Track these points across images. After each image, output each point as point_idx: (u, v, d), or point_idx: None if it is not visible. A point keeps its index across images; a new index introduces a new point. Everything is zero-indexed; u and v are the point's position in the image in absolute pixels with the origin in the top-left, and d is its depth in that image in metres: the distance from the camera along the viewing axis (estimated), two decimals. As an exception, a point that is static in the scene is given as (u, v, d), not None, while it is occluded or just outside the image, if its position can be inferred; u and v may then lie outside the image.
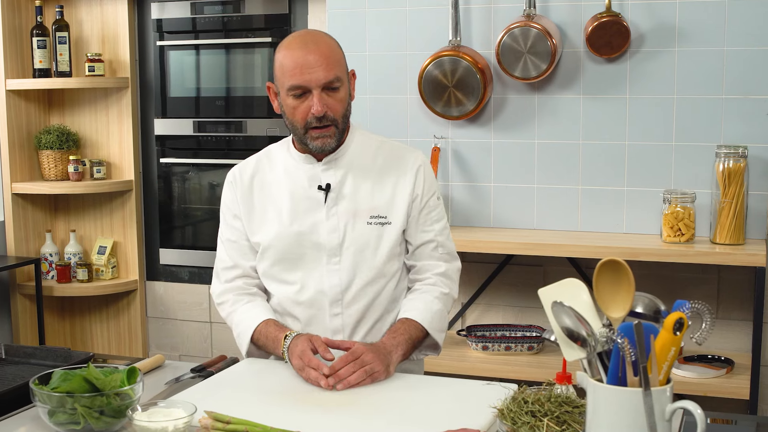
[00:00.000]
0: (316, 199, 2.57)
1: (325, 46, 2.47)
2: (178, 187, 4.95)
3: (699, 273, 3.82)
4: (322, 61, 2.43)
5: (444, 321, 2.63)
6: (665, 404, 1.60)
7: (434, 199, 2.64)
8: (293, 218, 2.57)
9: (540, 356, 3.85)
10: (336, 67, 2.45)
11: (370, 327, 2.60)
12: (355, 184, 2.58)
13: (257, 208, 2.62)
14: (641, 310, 1.71)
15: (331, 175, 2.57)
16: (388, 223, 2.57)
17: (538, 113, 3.94)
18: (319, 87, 2.43)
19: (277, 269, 2.61)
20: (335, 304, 2.56)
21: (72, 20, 4.87)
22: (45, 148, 4.84)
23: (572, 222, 3.95)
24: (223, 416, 1.98)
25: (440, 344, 2.64)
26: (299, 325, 2.60)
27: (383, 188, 2.58)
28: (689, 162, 3.76)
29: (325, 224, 2.55)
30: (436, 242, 2.62)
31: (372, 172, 2.60)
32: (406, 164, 2.61)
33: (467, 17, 3.97)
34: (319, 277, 2.57)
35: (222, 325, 4.87)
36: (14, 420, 2.14)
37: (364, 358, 2.31)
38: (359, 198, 2.57)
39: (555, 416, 1.82)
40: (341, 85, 2.47)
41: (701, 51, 3.71)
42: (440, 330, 2.61)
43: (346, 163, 2.59)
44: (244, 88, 4.74)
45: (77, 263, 4.92)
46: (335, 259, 2.55)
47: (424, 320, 2.55)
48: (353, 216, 2.56)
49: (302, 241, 2.56)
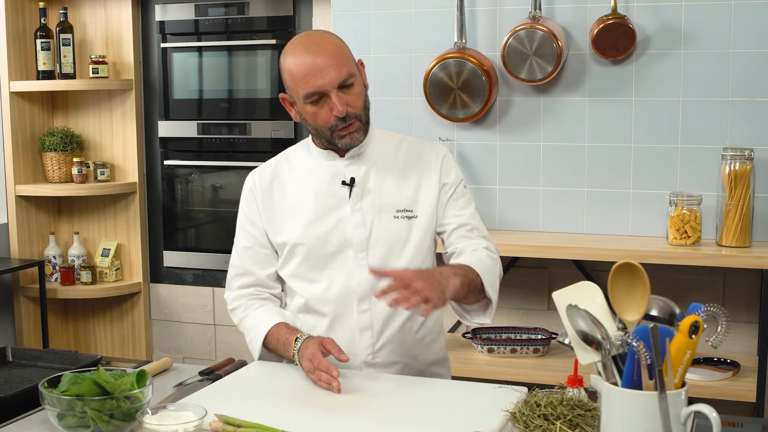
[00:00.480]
0: (340, 195, 2.54)
1: (330, 45, 2.44)
2: (182, 189, 4.94)
3: (705, 275, 3.82)
4: (332, 61, 2.40)
5: (496, 280, 2.51)
6: (680, 408, 1.59)
7: (461, 187, 2.62)
8: (318, 216, 2.54)
9: (546, 359, 3.84)
10: (346, 63, 2.43)
11: (400, 325, 2.55)
12: (379, 178, 2.55)
13: (279, 211, 2.60)
14: (656, 313, 1.71)
15: (355, 170, 2.55)
16: (414, 217, 2.54)
17: (544, 115, 3.93)
18: (334, 88, 2.40)
19: (304, 268, 2.57)
20: (363, 300, 2.52)
21: (76, 22, 4.87)
22: (49, 150, 4.83)
23: (578, 224, 3.95)
24: (234, 419, 1.97)
25: (493, 304, 2.50)
26: (326, 323, 2.55)
27: (407, 182, 2.56)
28: (695, 164, 3.76)
29: (351, 219, 2.52)
30: (470, 225, 2.59)
31: (395, 167, 2.58)
32: (429, 158, 2.60)
33: (472, 19, 3.97)
34: (347, 274, 2.53)
35: (226, 328, 4.86)
36: (23, 423, 2.14)
37: (414, 285, 2.20)
38: (384, 192, 2.54)
39: (568, 419, 1.81)
40: (355, 79, 2.44)
41: (707, 53, 3.70)
42: (493, 287, 2.48)
43: (369, 158, 2.57)
44: (248, 90, 4.73)
45: (81, 265, 4.92)
46: (362, 254, 2.52)
47: (479, 269, 2.44)
48: (379, 210, 2.53)
49: (329, 238, 2.53)
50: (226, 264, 4.68)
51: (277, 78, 4.63)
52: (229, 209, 4.89)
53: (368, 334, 2.54)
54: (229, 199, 4.90)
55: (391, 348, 2.55)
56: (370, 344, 2.54)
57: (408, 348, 2.57)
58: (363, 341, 2.54)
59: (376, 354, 2.54)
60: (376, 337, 2.54)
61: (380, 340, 2.54)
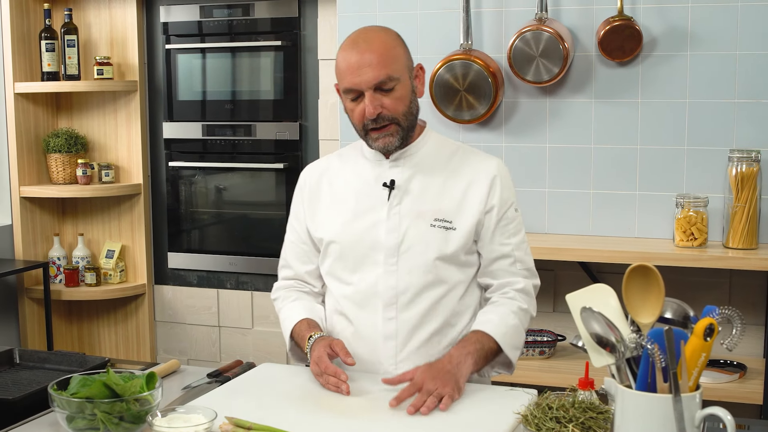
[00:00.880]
0: (379, 197, 2.50)
1: (377, 44, 2.38)
2: (187, 190, 4.94)
3: (711, 277, 3.81)
4: (373, 60, 2.35)
5: (520, 338, 2.49)
6: (695, 410, 1.59)
7: (512, 210, 2.52)
8: (356, 215, 2.51)
9: (552, 361, 3.84)
10: (389, 65, 2.36)
11: (426, 338, 2.48)
12: (423, 183, 2.49)
13: (323, 205, 2.58)
14: (670, 316, 1.70)
15: (398, 173, 2.50)
16: (452, 229, 2.46)
17: (550, 117, 3.93)
18: (370, 88, 2.36)
19: (337, 267, 2.54)
20: (389, 307, 2.47)
21: (81, 23, 4.86)
22: (53, 152, 4.82)
23: (584, 226, 3.94)
24: (245, 422, 1.97)
25: (514, 362, 2.50)
26: (352, 327, 2.52)
27: (452, 192, 2.48)
28: (702, 166, 3.75)
29: (386, 223, 2.48)
30: (513, 257, 2.50)
31: (443, 174, 2.51)
32: (480, 171, 2.50)
33: (478, 21, 3.96)
34: (375, 278, 2.48)
35: (231, 329, 4.86)
36: (32, 426, 2.14)
37: (427, 387, 2.21)
38: (426, 198, 2.48)
39: (580, 422, 1.81)
40: (397, 83, 2.38)
41: (713, 55, 3.70)
42: (514, 347, 2.47)
43: (416, 162, 2.51)
44: (253, 92, 4.73)
45: (85, 267, 4.91)
46: (393, 259, 2.46)
47: (497, 333, 2.42)
48: (416, 216, 2.47)
49: (362, 239, 2.49)
50: (230, 265, 4.76)
51: (281, 79, 4.63)
52: (234, 211, 4.88)
53: (392, 343, 2.48)
54: (233, 201, 4.89)
55: (415, 360, 2.46)
56: (393, 354, 2.48)
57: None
58: (387, 350, 2.49)
59: (399, 364, 2.48)
60: (400, 347, 2.48)
61: (404, 350, 2.48)
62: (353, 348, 2.48)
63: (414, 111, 2.46)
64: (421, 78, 2.49)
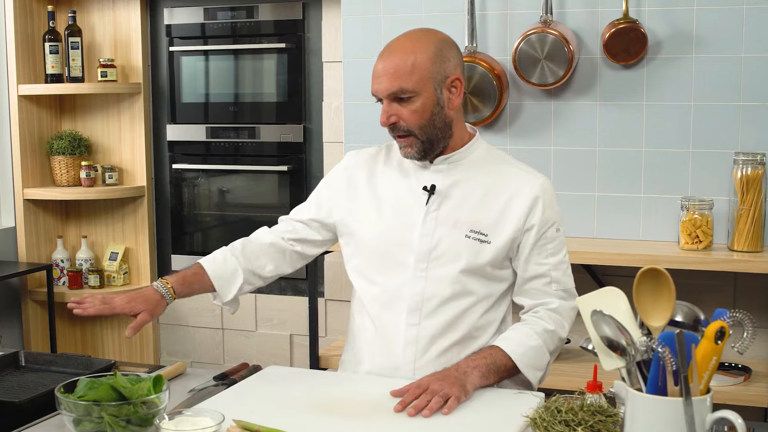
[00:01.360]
0: (418, 200, 2.47)
1: (398, 54, 2.36)
2: (190, 193, 4.94)
3: (716, 280, 3.80)
4: (389, 71, 2.35)
5: (541, 359, 2.43)
6: (705, 414, 1.58)
7: (553, 230, 2.47)
8: (393, 215, 2.49)
9: (558, 363, 3.83)
10: (403, 78, 2.34)
11: (446, 347, 2.46)
12: (463, 192, 2.46)
13: (361, 198, 2.56)
14: (680, 319, 1.70)
15: (440, 179, 2.47)
16: (487, 242, 2.43)
17: (555, 120, 3.93)
18: (386, 97, 2.37)
19: (366, 265, 2.53)
20: (413, 313, 2.45)
21: (84, 26, 4.86)
22: (57, 154, 4.82)
23: (588, 229, 3.94)
24: (252, 425, 1.96)
25: (534, 383, 2.44)
26: (374, 328, 2.50)
27: (492, 205, 2.45)
28: (707, 169, 3.75)
29: (420, 227, 2.46)
30: (549, 278, 2.46)
31: (485, 185, 2.47)
32: (523, 187, 2.46)
33: (483, 23, 3.96)
34: (402, 282, 2.46)
35: (234, 332, 4.85)
36: (38, 428, 2.13)
37: (432, 387, 2.20)
38: (464, 208, 2.45)
39: (589, 425, 1.81)
40: (415, 96, 2.35)
41: (719, 58, 3.70)
42: (534, 367, 2.41)
43: (461, 170, 2.48)
44: (256, 94, 4.72)
45: (89, 269, 4.91)
46: (422, 265, 2.44)
47: (513, 352, 2.38)
48: (453, 225, 2.44)
49: (394, 240, 2.47)
50: (234, 268, 4.73)
51: (285, 82, 4.63)
52: (238, 213, 4.88)
53: (412, 349, 2.46)
54: (237, 203, 4.89)
55: (433, 368, 2.43)
56: (412, 360, 2.46)
57: None
58: (406, 355, 2.47)
59: (417, 371, 2.45)
60: (420, 354, 2.46)
61: (423, 357, 2.46)
62: (372, 349, 2.51)
63: (437, 124, 2.40)
64: (458, 90, 2.42)
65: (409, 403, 2.18)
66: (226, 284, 2.61)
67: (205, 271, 2.60)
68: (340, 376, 2.51)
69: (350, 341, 2.65)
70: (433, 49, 2.38)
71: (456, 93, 2.42)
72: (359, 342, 2.57)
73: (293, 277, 4.13)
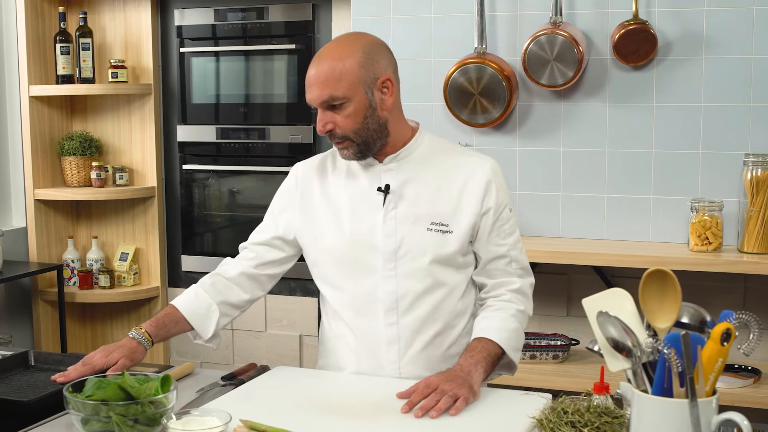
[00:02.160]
0: (374, 202, 2.49)
1: (326, 62, 2.37)
2: (200, 193, 4.95)
3: (726, 282, 3.80)
4: (319, 79, 2.36)
5: (520, 340, 2.51)
6: (711, 415, 1.58)
7: (506, 211, 2.53)
8: (351, 221, 2.50)
9: (565, 365, 3.83)
10: (331, 86, 2.35)
11: (428, 340, 2.49)
12: (417, 187, 2.49)
13: (317, 209, 2.57)
14: (687, 321, 1.70)
15: (393, 177, 2.50)
16: (449, 232, 2.46)
17: (564, 121, 3.92)
18: (318, 105, 2.39)
19: (332, 273, 2.54)
20: (390, 312, 2.47)
21: (95, 27, 4.88)
22: (68, 155, 4.84)
23: (598, 230, 3.93)
24: (259, 425, 1.97)
25: (516, 364, 2.52)
26: (353, 333, 2.53)
27: (448, 195, 2.48)
28: (716, 170, 3.74)
29: (382, 228, 2.47)
30: (509, 257, 2.52)
31: (437, 177, 2.50)
32: (474, 172, 2.50)
33: (493, 24, 3.96)
34: (374, 284, 2.48)
35: (244, 333, 4.86)
36: (46, 428, 2.14)
37: (442, 387, 2.21)
38: (421, 202, 2.48)
39: (595, 427, 1.81)
40: (346, 102, 2.36)
41: (729, 59, 3.69)
42: (516, 349, 2.49)
43: (410, 166, 2.51)
44: (266, 95, 4.73)
45: (99, 269, 4.92)
46: (391, 264, 2.46)
47: (500, 339, 2.43)
48: (413, 221, 2.47)
49: (358, 245, 2.49)
50: (244, 268, 4.74)
51: (295, 83, 4.63)
52: (247, 214, 4.89)
53: (394, 348, 2.49)
54: (246, 204, 4.90)
55: (419, 363, 2.49)
56: (396, 358, 2.49)
57: (437, 364, 2.51)
58: (389, 354, 2.49)
59: (402, 368, 2.49)
60: (402, 351, 2.49)
61: (407, 354, 2.49)
62: (354, 353, 2.52)
63: (371, 126, 2.41)
64: (389, 90, 2.43)
65: (416, 403, 2.18)
66: (202, 321, 2.59)
67: (179, 310, 2.58)
68: (347, 377, 2.51)
69: (326, 348, 2.65)
70: (361, 53, 2.38)
71: (388, 93, 2.44)
72: (339, 348, 2.58)
73: (303, 278, 4.14)
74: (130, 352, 2.41)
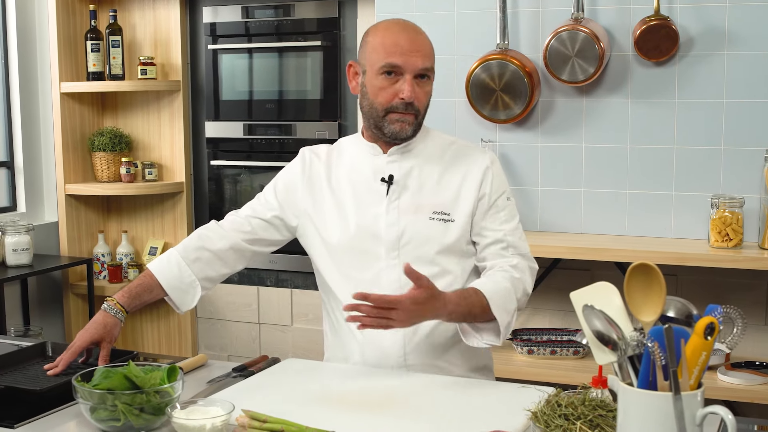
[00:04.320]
0: (378, 192, 2.54)
1: (423, 36, 2.50)
2: (229, 189, 5.00)
3: (747, 278, 3.77)
4: (424, 48, 2.46)
5: (509, 302, 2.42)
6: (696, 409, 1.59)
7: (503, 199, 2.57)
8: (355, 211, 2.54)
9: (586, 360, 3.83)
10: (431, 58, 2.49)
11: (431, 329, 2.50)
12: (420, 178, 2.54)
13: (322, 197, 2.60)
14: (673, 314, 1.71)
15: (397, 168, 2.55)
16: (451, 221, 2.51)
17: (586, 117, 3.92)
18: (413, 72, 2.44)
19: (336, 265, 2.57)
20: None
21: (125, 24, 4.95)
22: (98, 150, 4.91)
23: (620, 226, 3.93)
24: (260, 415, 2.00)
25: (501, 327, 2.40)
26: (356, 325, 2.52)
27: (449, 185, 2.55)
28: (738, 166, 3.73)
29: (385, 218, 2.52)
30: (505, 242, 2.53)
31: (439, 168, 2.56)
32: (474, 163, 2.57)
33: (515, 21, 3.97)
34: (377, 273, 2.52)
35: (270, 326, 4.91)
36: (58, 416, 2.19)
37: (391, 314, 2.23)
38: (423, 192, 2.53)
39: (588, 420, 1.82)
40: (431, 78, 2.50)
41: (751, 55, 3.67)
42: (503, 309, 2.39)
43: (413, 157, 2.56)
44: (295, 92, 4.77)
45: (128, 264, 4.99)
46: (394, 253, 2.50)
47: (486, 289, 2.39)
48: (415, 211, 2.51)
49: (362, 234, 2.53)
50: (271, 263, 4.80)
51: (321, 79, 4.67)
52: (275, 209, 4.93)
53: (399, 337, 2.51)
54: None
55: (423, 352, 2.52)
56: (401, 347, 2.51)
57: (441, 354, 2.54)
58: (394, 344, 2.52)
59: (408, 356, 2.51)
60: (407, 340, 2.51)
61: (411, 342, 2.51)
62: (360, 342, 2.54)
63: (427, 109, 2.55)
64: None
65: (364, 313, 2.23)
66: (183, 296, 2.62)
67: (158, 280, 2.60)
68: (355, 369, 2.53)
69: (332, 339, 2.68)
70: None
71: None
72: (344, 338, 2.60)
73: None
74: (107, 331, 2.47)
